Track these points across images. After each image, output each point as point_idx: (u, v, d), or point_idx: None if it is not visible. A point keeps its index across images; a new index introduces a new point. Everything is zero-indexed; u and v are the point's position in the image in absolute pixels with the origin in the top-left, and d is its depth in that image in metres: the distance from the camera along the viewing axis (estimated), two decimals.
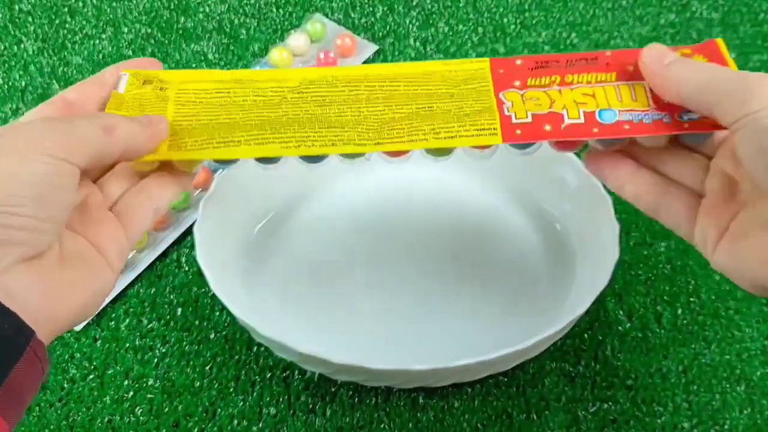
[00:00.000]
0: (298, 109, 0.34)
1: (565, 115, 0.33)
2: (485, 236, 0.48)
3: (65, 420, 0.42)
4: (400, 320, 0.44)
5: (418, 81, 0.34)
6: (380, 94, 0.34)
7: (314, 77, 0.35)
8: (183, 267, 0.49)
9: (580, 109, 0.33)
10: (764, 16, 0.63)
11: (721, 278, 0.47)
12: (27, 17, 0.64)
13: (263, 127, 0.33)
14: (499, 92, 0.34)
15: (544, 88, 0.34)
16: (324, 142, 0.33)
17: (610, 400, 0.42)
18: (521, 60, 0.34)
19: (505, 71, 0.34)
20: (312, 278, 0.47)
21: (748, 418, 0.42)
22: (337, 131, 0.33)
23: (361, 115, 0.33)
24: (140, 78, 0.35)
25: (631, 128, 0.32)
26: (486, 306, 0.45)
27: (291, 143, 0.33)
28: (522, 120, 0.33)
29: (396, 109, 0.34)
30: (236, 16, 0.64)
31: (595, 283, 0.40)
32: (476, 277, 0.46)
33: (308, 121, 0.33)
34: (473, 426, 0.42)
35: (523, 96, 0.34)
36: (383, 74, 0.35)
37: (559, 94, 0.33)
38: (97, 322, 0.46)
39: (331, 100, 0.34)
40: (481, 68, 0.35)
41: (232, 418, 0.42)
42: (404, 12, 0.64)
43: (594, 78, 0.34)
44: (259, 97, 0.34)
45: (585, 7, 0.64)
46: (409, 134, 0.33)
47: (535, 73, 0.34)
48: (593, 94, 0.33)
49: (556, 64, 0.34)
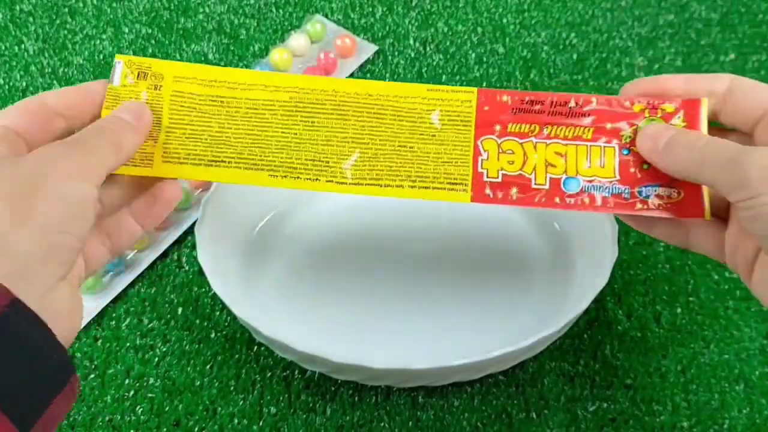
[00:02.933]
0: (287, 132, 0.35)
1: (532, 180, 0.35)
2: (484, 236, 0.48)
3: (66, 419, 0.42)
4: (400, 319, 0.45)
5: (405, 112, 0.36)
6: (367, 122, 0.36)
7: (306, 92, 0.36)
8: (183, 267, 0.49)
9: (548, 174, 0.35)
10: (763, 17, 0.63)
11: (720, 278, 0.47)
12: (28, 17, 0.64)
13: (253, 150, 0.35)
14: (479, 138, 0.35)
15: (521, 138, 0.35)
16: (309, 175, 0.35)
17: (610, 400, 0.42)
18: (508, 96, 0.36)
19: (490, 108, 0.36)
20: (312, 278, 0.47)
21: (747, 418, 0.42)
22: (321, 166, 0.35)
23: (346, 147, 0.35)
24: (134, 68, 0.35)
25: (590, 201, 0.35)
26: (485, 305, 0.45)
27: (279, 173, 0.35)
28: (493, 179, 0.35)
29: (380, 144, 0.35)
30: (236, 16, 0.64)
31: (594, 283, 0.40)
32: (475, 277, 0.46)
33: (296, 148, 0.35)
34: (473, 425, 0.42)
35: (500, 146, 0.35)
36: (372, 95, 0.36)
37: (533, 149, 0.35)
38: (98, 322, 0.46)
39: (321, 124, 0.36)
40: (468, 101, 0.36)
41: (233, 417, 0.42)
42: (404, 12, 0.64)
43: (571, 133, 0.35)
44: (251, 110, 0.36)
45: (584, 7, 0.64)
46: (388, 176, 0.35)
47: (517, 118, 0.35)
48: (565, 153, 0.35)
49: (540, 106, 0.35)
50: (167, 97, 0.35)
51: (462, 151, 0.35)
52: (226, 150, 0.35)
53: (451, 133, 0.35)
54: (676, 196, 0.34)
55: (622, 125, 0.35)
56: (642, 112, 0.35)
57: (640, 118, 0.35)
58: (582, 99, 0.35)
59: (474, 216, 0.49)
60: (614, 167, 0.35)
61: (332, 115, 0.36)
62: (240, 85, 0.36)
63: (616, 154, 0.35)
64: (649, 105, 0.35)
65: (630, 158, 0.35)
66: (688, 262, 0.48)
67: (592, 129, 0.35)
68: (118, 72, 0.35)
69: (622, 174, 0.34)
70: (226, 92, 0.36)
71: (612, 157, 0.35)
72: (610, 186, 0.34)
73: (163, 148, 0.35)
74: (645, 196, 0.34)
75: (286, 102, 0.36)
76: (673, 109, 0.34)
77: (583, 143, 0.35)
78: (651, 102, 0.35)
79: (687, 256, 0.48)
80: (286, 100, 0.36)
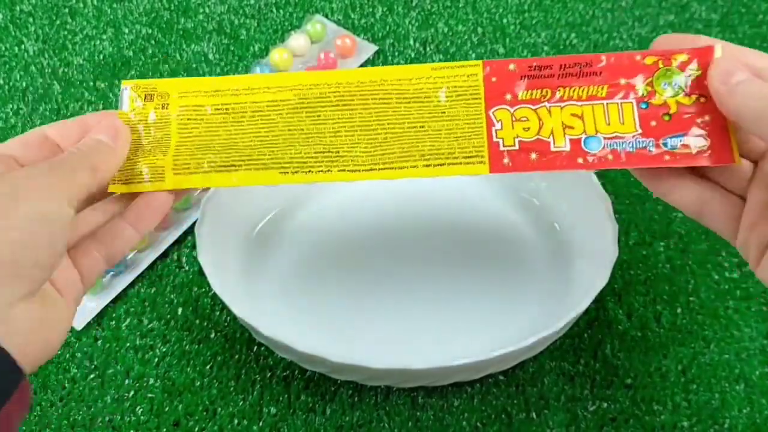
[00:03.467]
0: (294, 129, 0.35)
1: (551, 144, 0.34)
2: (484, 235, 0.48)
3: (66, 419, 0.42)
4: (400, 319, 0.45)
5: (410, 94, 0.35)
6: (373, 108, 0.35)
7: (308, 88, 0.36)
8: (183, 267, 0.49)
9: (567, 136, 0.34)
10: (763, 17, 0.63)
11: (720, 278, 0.47)
12: (28, 18, 0.64)
13: (262, 150, 0.35)
14: (490, 109, 0.35)
15: (534, 105, 0.34)
16: (321, 167, 0.35)
17: (610, 399, 0.42)
18: (514, 64, 0.35)
19: (498, 79, 0.35)
20: (312, 278, 0.47)
21: (747, 417, 0.42)
22: (332, 156, 0.35)
23: (355, 135, 0.35)
24: (140, 91, 0.36)
25: (615, 158, 0.34)
26: (485, 305, 0.45)
27: (289, 169, 0.35)
28: (509, 147, 0.34)
29: (389, 128, 0.35)
30: (236, 16, 0.64)
31: (594, 283, 0.40)
32: (475, 276, 0.46)
33: (305, 143, 0.35)
34: (473, 425, 0.42)
35: (512, 114, 0.34)
36: (376, 81, 0.35)
37: (548, 114, 0.34)
38: (98, 322, 0.46)
39: (327, 117, 0.35)
40: (474, 74, 0.35)
41: (233, 417, 0.42)
42: (404, 13, 0.64)
43: (585, 93, 0.34)
44: (257, 113, 0.36)
45: (584, 7, 0.64)
46: (400, 158, 0.35)
47: (527, 84, 0.35)
48: (581, 114, 0.34)
49: (548, 71, 0.34)
50: (174, 114, 0.36)
51: (475, 124, 0.34)
52: (235, 155, 0.35)
53: (461, 108, 0.35)
54: (703, 143, 0.33)
55: (636, 80, 0.34)
56: (655, 64, 0.34)
57: (654, 71, 0.34)
58: (592, 58, 0.34)
59: (474, 216, 0.49)
60: (634, 122, 0.34)
61: (338, 107, 0.35)
62: (243, 91, 0.36)
63: (635, 108, 0.34)
64: (661, 56, 0.34)
65: (649, 111, 0.34)
66: (688, 262, 0.48)
67: (606, 86, 0.34)
68: (126, 97, 0.36)
69: (644, 127, 0.33)
70: (230, 99, 0.36)
71: (631, 112, 0.34)
72: (633, 140, 0.33)
73: (173, 162, 0.35)
74: (671, 147, 0.33)
75: (290, 100, 0.36)
76: (686, 59, 0.33)
77: (599, 102, 0.34)
78: (663, 53, 0.34)
79: (687, 256, 0.48)
80: (290, 98, 0.36)
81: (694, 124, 0.33)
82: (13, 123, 0.57)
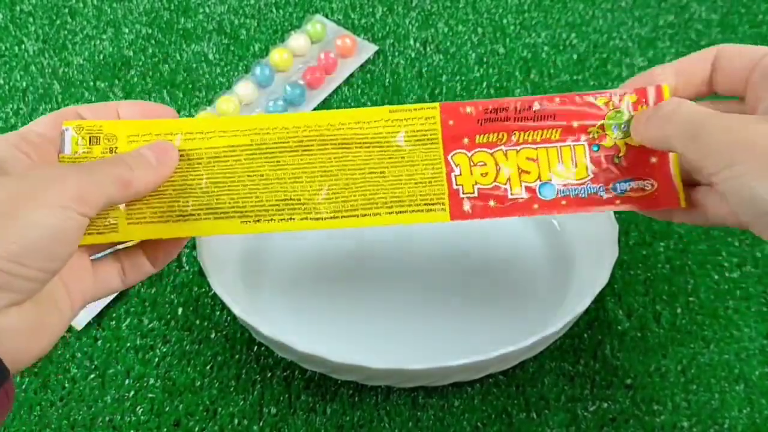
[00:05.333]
0: (254, 175, 0.35)
1: (508, 191, 0.35)
2: (484, 235, 0.48)
3: (66, 419, 0.42)
4: (400, 319, 0.45)
5: (369, 138, 0.35)
6: (332, 153, 0.35)
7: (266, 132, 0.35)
8: (184, 266, 0.49)
9: (523, 183, 0.35)
10: (763, 17, 0.63)
11: (720, 278, 0.47)
12: (28, 18, 0.64)
13: (221, 198, 0.34)
14: (449, 153, 0.35)
15: (491, 149, 0.35)
16: (282, 216, 0.35)
17: (610, 399, 0.43)
18: (471, 107, 0.35)
19: (455, 122, 0.35)
20: (312, 277, 0.47)
21: (746, 418, 0.42)
22: (293, 204, 0.35)
23: (316, 182, 0.35)
24: (84, 133, 0.34)
25: (568, 204, 0.35)
26: (485, 305, 0.45)
27: (251, 218, 0.35)
28: (469, 194, 0.35)
29: (349, 173, 0.35)
30: (236, 16, 0.64)
31: (594, 283, 0.40)
32: (475, 276, 0.46)
33: (265, 190, 0.35)
34: (473, 425, 0.42)
35: (470, 159, 0.35)
36: (334, 125, 0.35)
37: (504, 158, 0.35)
38: (98, 322, 0.46)
39: (286, 162, 0.35)
40: (431, 117, 0.35)
41: (233, 417, 0.42)
42: (404, 13, 0.64)
43: (539, 136, 0.35)
44: (213, 159, 0.35)
45: (584, 8, 0.64)
46: (363, 206, 0.35)
47: (483, 128, 0.35)
48: (537, 158, 0.35)
49: (504, 113, 0.35)
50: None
51: (434, 169, 0.35)
52: (192, 203, 0.34)
53: (420, 153, 0.35)
54: (650, 188, 0.34)
55: (588, 122, 0.34)
56: (607, 105, 0.34)
57: (606, 113, 0.34)
58: (545, 100, 0.35)
59: None
60: (586, 166, 0.35)
61: (297, 152, 0.35)
62: (197, 135, 0.35)
63: (587, 151, 0.35)
64: (611, 98, 0.34)
65: (601, 154, 0.35)
66: (688, 262, 0.48)
67: (559, 129, 0.35)
68: (68, 139, 0.34)
69: (595, 172, 0.35)
70: (185, 144, 0.35)
71: (583, 155, 0.35)
72: (585, 187, 0.35)
73: (127, 211, 0.34)
74: (621, 192, 0.34)
75: (248, 146, 0.35)
76: (635, 99, 0.34)
77: (552, 145, 0.35)
78: (614, 93, 0.34)
79: (687, 256, 0.48)
80: (248, 144, 0.35)
81: (642, 167, 0.34)
82: (13, 123, 0.57)
